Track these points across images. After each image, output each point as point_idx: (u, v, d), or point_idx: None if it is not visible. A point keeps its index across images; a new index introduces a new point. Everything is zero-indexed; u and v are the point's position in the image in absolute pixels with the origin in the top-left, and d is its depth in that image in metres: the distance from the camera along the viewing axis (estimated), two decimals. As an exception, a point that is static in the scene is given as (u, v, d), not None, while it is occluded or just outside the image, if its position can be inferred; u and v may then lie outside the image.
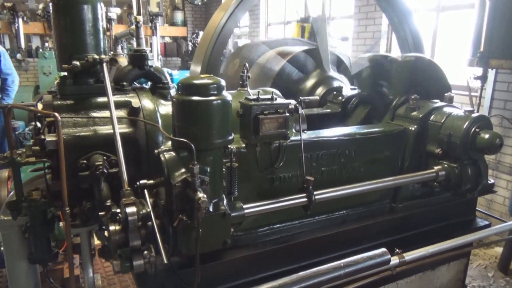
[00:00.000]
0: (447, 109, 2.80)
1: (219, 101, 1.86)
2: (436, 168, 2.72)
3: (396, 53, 6.72)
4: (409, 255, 2.43)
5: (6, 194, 3.34)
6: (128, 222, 1.70)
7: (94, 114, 2.22)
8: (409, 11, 3.78)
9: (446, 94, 2.95)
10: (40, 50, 11.00)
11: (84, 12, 2.24)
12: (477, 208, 3.24)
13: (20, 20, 11.03)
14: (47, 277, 2.64)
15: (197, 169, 1.72)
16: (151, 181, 1.98)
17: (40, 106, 2.33)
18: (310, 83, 3.56)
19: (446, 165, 2.72)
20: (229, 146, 1.99)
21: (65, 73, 2.27)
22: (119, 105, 2.25)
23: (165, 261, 1.74)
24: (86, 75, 2.27)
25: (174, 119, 1.95)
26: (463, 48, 5.39)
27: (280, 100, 2.30)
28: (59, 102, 2.21)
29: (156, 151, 1.98)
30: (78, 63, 2.16)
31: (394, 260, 2.36)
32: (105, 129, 2.17)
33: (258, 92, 2.31)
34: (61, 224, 2.79)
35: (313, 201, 2.23)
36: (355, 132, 2.72)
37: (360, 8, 7.33)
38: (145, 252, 1.79)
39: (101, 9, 2.33)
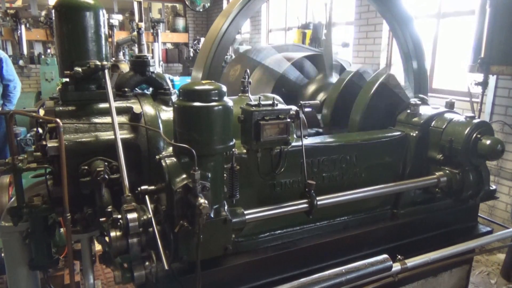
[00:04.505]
0: (448, 115, 2.80)
1: (220, 107, 1.87)
2: (437, 174, 2.72)
3: (396, 60, 6.75)
4: (411, 262, 2.41)
5: (7, 200, 3.34)
6: (129, 228, 1.70)
7: (96, 120, 2.22)
8: (409, 17, 3.80)
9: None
10: (42, 56, 11.05)
11: (86, 19, 2.25)
12: (479, 214, 3.22)
13: (23, 26, 11.10)
14: (47, 283, 2.64)
15: (198, 175, 1.72)
16: (152, 187, 1.98)
17: (42, 112, 2.33)
18: (311, 89, 3.57)
19: (447, 171, 2.71)
20: (229, 151, 1.98)
21: (67, 79, 2.28)
22: (120, 111, 2.26)
23: (166, 267, 1.74)
24: (88, 81, 2.28)
25: (175, 125, 1.95)
26: (463, 54, 5.41)
27: (281, 106, 2.31)
28: (60, 108, 2.22)
29: (157, 156, 1.98)
30: (80, 69, 2.17)
31: (396, 266, 2.34)
32: (106, 135, 2.18)
33: (259, 97, 2.32)
34: (62, 230, 2.79)
35: (315, 205, 2.23)
36: (356, 137, 2.72)
37: (361, 15, 7.36)
38: (147, 263, 1.78)
39: (103, 15, 2.34)
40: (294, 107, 2.34)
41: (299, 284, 2.05)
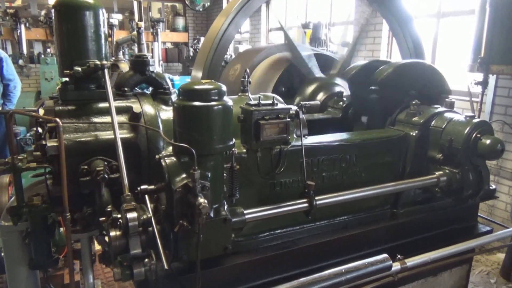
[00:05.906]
0: (448, 115, 2.79)
1: (220, 106, 1.87)
2: (437, 173, 2.72)
3: (397, 59, 6.75)
4: (411, 261, 2.41)
5: (7, 200, 3.35)
6: (128, 227, 1.70)
7: (95, 120, 2.22)
8: (409, 17, 3.80)
9: (447, 100, 2.95)
10: (42, 56, 11.05)
11: (86, 18, 2.25)
12: (478, 214, 3.22)
13: (23, 26, 11.10)
14: (47, 283, 2.64)
15: (198, 175, 1.72)
16: (152, 186, 1.98)
17: (41, 111, 2.33)
18: (311, 88, 3.57)
19: (447, 171, 2.71)
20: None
21: (67, 79, 2.27)
22: (120, 111, 2.25)
23: (166, 266, 1.74)
24: (88, 80, 2.28)
25: (175, 124, 1.95)
26: (463, 54, 5.40)
27: (281, 105, 2.31)
28: (60, 107, 2.21)
29: (157, 156, 1.98)
30: (79, 68, 2.17)
31: (396, 266, 2.35)
32: (106, 135, 2.17)
33: (259, 97, 2.32)
34: (61, 229, 2.79)
35: (314, 205, 2.23)
36: (356, 137, 2.72)
37: (361, 14, 7.35)
38: (146, 260, 1.78)
39: (102, 15, 2.34)
40: (293, 107, 2.34)
41: (299, 283, 2.05)
